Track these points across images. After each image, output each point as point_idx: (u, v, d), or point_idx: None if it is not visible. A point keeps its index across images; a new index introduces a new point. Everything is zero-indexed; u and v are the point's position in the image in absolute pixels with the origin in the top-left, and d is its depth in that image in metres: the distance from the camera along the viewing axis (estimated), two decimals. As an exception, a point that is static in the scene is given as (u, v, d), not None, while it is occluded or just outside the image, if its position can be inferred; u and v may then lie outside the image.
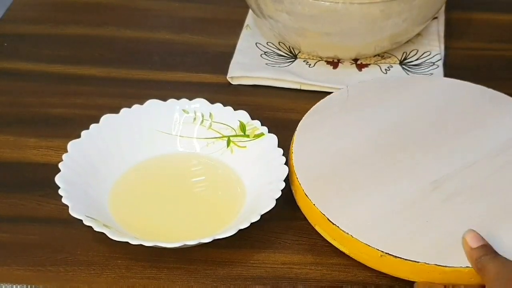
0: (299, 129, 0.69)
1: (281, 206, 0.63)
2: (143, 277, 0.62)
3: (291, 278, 0.62)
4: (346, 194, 0.63)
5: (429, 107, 0.72)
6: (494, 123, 0.70)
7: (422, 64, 0.83)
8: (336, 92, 0.74)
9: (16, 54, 0.86)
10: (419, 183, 0.64)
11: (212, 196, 0.69)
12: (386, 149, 0.67)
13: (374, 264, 0.60)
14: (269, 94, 0.81)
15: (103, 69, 0.84)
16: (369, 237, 0.60)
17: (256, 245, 0.64)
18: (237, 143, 0.71)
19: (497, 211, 0.62)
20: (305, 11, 0.76)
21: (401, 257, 0.59)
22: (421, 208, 0.62)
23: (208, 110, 0.72)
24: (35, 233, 0.65)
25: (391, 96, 0.73)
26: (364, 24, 0.76)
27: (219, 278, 0.62)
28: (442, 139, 0.69)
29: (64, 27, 0.90)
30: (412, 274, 0.59)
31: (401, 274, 0.60)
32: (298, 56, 0.84)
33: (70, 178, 0.65)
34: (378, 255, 0.59)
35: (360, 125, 0.70)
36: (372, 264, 0.60)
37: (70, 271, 0.62)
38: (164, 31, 0.90)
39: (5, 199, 0.68)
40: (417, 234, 0.60)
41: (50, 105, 0.79)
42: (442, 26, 0.89)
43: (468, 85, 0.74)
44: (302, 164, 0.66)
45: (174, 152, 0.72)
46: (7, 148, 0.73)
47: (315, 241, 0.65)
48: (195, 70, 0.84)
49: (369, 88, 0.75)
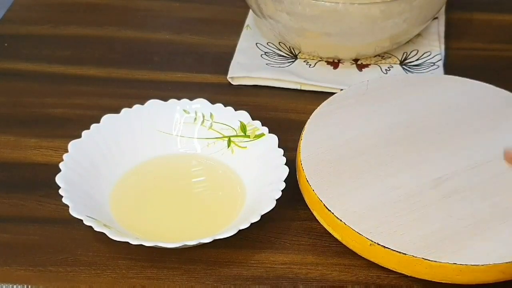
0: (313, 116, 0.70)
1: (281, 206, 0.63)
2: (143, 277, 0.62)
3: (291, 278, 0.62)
4: (346, 183, 0.64)
5: (443, 106, 0.72)
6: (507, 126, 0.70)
7: (423, 65, 0.83)
8: (355, 85, 0.74)
9: (17, 54, 0.86)
10: (421, 179, 0.64)
11: (213, 196, 0.69)
12: (394, 144, 0.68)
13: (364, 252, 0.61)
14: (269, 95, 0.81)
15: (104, 69, 0.84)
16: (360, 225, 0.60)
17: (256, 245, 0.65)
18: (237, 144, 0.71)
19: (494, 211, 0.62)
20: (305, 11, 0.76)
21: (389, 247, 0.59)
22: (418, 202, 0.63)
23: (208, 110, 0.72)
24: (36, 233, 0.65)
25: (409, 93, 0.73)
26: (364, 24, 0.77)
27: (219, 278, 0.62)
28: (452, 138, 0.69)
29: (64, 28, 0.90)
30: (399, 266, 0.60)
31: (389, 265, 0.60)
32: (299, 56, 0.84)
33: (70, 178, 0.65)
34: (368, 244, 0.60)
35: (372, 118, 0.70)
36: (362, 253, 0.61)
37: (71, 271, 0.62)
38: (164, 31, 0.90)
39: (5, 199, 0.68)
40: (409, 227, 0.61)
41: (50, 105, 0.79)
42: (443, 26, 0.89)
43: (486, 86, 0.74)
44: (309, 150, 0.66)
45: (175, 152, 0.72)
46: (8, 148, 0.73)
47: (315, 241, 0.65)
48: (196, 70, 0.84)
49: (389, 83, 0.75)
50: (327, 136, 0.68)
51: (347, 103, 0.72)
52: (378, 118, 0.70)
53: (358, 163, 0.66)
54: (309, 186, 0.64)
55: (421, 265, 0.59)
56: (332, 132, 0.69)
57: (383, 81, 0.75)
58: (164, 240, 0.60)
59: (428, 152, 0.67)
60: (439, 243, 0.59)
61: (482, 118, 0.71)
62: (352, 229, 0.60)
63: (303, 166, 0.65)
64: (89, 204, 0.64)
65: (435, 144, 0.68)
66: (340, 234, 0.62)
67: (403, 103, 0.72)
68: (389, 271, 0.61)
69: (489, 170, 0.65)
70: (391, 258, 0.60)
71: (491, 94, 0.73)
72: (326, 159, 0.66)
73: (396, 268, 0.60)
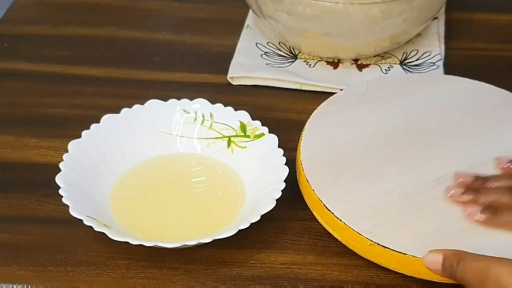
0: (313, 116, 0.70)
1: (281, 206, 0.63)
2: (143, 277, 0.62)
3: (291, 278, 0.62)
4: (346, 183, 0.64)
5: (443, 106, 0.72)
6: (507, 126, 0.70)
7: (422, 64, 0.83)
8: (356, 85, 0.74)
9: (17, 54, 0.86)
10: (421, 179, 0.64)
11: (212, 196, 0.69)
12: (394, 144, 0.68)
13: (364, 252, 0.61)
14: (269, 95, 0.81)
15: (104, 69, 0.84)
16: (360, 225, 0.60)
17: (256, 245, 0.64)
18: (237, 144, 0.71)
19: None
20: (305, 12, 0.76)
21: (389, 247, 0.59)
22: (418, 202, 0.63)
23: (208, 110, 0.72)
24: (36, 233, 0.65)
25: (409, 93, 0.73)
26: (364, 24, 0.77)
27: (219, 278, 0.62)
28: (452, 138, 0.69)
29: (64, 28, 0.90)
30: (399, 266, 0.60)
31: (389, 265, 0.60)
32: (299, 56, 0.84)
33: (70, 178, 0.65)
34: (368, 244, 0.60)
35: (372, 118, 0.70)
36: (362, 253, 0.61)
37: (71, 271, 0.62)
38: (164, 31, 0.90)
39: (5, 199, 0.68)
40: (409, 227, 0.61)
41: (50, 105, 0.79)
42: (442, 26, 0.89)
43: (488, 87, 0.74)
44: (309, 150, 0.66)
45: (175, 152, 0.72)
46: (8, 148, 0.73)
47: (315, 241, 0.65)
48: (196, 70, 0.84)
49: (390, 83, 0.75)
50: (327, 136, 0.68)
51: (347, 103, 0.72)
52: (378, 118, 0.70)
53: (358, 163, 0.66)
54: (309, 186, 0.64)
55: (421, 265, 0.58)
56: (332, 132, 0.69)
57: (383, 81, 0.75)
58: (164, 240, 0.60)
59: (428, 152, 0.67)
60: (439, 243, 0.59)
61: (482, 118, 0.71)
62: (352, 229, 0.60)
63: (303, 166, 0.65)
64: (89, 204, 0.64)
65: (435, 144, 0.68)
66: (340, 234, 0.62)
67: (403, 103, 0.72)
68: (389, 271, 0.61)
69: (489, 170, 0.65)
70: (391, 258, 0.60)
71: (491, 94, 0.73)
72: (326, 159, 0.66)
73: (396, 268, 0.60)
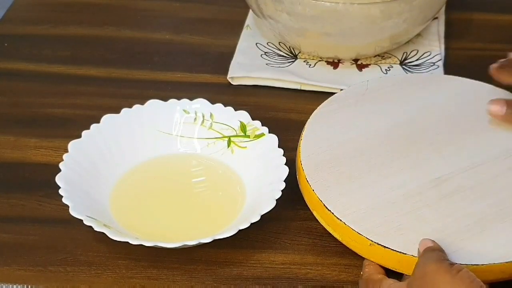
0: (313, 116, 0.70)
1: (281, 206, 0.63)
2: (143, 277, 0.62)
3: (291, 278, 0.62)
4: (346, 182, 0.64)
5: (443, 106, 0.72)
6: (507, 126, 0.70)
7: (422, 64, 0.83)
8: (355, 85, 0.74)
9: (17, 54, 0.86)
10: (421, 178, 0.64)
11: (212, 196, 0.69)
12: (394, 144, 0.68)
13: (364, 252, 0.61)
14: (269, 95, 0.81)
15: (104, 69, 0.84)
16: (360, 225, 0.60)
17: (256, 245, 0.65)
18: (237, 144, 0.71)
19: (493, 211, 0.62)
20: (305, 12, 0.76)
21: (389, 247, 0.59)
22: (418, 202, 0.62)
23: (208, 110, 0.72)
24: (36, 233, 0.65)
25: (409, 93, 0.73)
26: (364, 24, 0.77)
27: (219, 278, 0.62)
28: (452, 138, 0.68)
29: (64, 27, 0.90)
30: (399, 265, 0.60)
31: (389, 264, 0.60)
32: (299, 56, 0.84)
33: (70, 178, 0.65)
34: (368, 244, 0.60)
35: (372, 118, 0.70)
36: (362, 252, 0.61)
37: (71, 271, 0.62)
38: (164, 31, 0.90)
39: (5, 199, 0.68)
40: (409, 227, 0.60)
41: (50, 105, 0.79)
42: (442, 26, 0.89)
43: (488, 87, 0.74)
44: (309, 150, 0.66)
45: (175, 152, 0.72)
46: (8, 148, 0.73)
47: (315, 241, 0.65)
48: (196, 70, 0.84)
49: (390, 83, 0.75)
50: (327, 136, 0.68)
51: (347, 103, 0.72)
52: (378, 118, 0.70)
53: (358, 163, 0.66)
54: (309, 186, 0.64)
55: None
56: (332, 132, 0.69)
57: (383, 81, 0.75)
58: (164, 240, 0.60)
59: (428, 152, 0.67)
60: (439, 243, 0.59)
61: (482, 118, 0.71)
62: (352, 229, 0.60)
63: (303, 166, 0.65)
64: (89, 204, 0.64)
65: (435, 144, 0.68)
66: (340, 234, 0.62)
67: (403, 103, 0.72)
68: (389, 271, 0.61)
69: (488, 170, 0.65)
70: (391, 258, 0.60)
71: (491, 94, 0.73)
72: (326, 159, 0.66)
73: (396, 268, 0.60)
